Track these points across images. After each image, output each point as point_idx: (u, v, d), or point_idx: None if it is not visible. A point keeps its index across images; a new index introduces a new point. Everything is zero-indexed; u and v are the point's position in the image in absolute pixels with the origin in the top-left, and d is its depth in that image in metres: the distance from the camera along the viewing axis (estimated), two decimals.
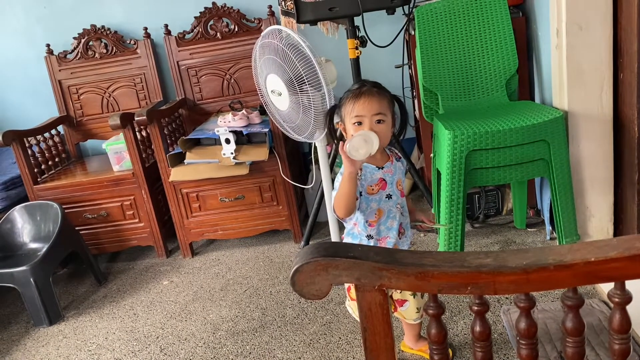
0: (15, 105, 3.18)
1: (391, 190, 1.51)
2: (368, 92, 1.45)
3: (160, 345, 2.03)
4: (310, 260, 0.76)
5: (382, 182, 1.50)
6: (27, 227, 2.57)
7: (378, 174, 1.50)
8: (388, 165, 1.52)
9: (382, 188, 1.50)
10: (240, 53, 2.89)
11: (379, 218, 1.51)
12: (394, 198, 1.51)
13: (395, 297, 1.60)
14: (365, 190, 1.49)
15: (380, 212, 1.51)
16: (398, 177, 1.53)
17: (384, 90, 1.49)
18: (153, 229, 2.72)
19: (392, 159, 1.54)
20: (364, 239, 1.52)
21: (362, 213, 1.50)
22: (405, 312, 1.63)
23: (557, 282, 0.70)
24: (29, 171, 2.66)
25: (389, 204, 1.51)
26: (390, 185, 1.50)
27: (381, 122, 1.44)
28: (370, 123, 1.43)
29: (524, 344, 0.76)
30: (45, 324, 2.30)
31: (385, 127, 1.45)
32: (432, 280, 0.72)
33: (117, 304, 2.39)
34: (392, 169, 1.52)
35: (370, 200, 1.49)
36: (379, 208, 1.50)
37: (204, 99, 3.00)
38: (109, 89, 3.02)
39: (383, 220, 1.51)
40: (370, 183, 1.49)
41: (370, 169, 1.50)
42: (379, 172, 1.50)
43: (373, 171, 1.50)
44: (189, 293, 2.37)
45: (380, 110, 1.43)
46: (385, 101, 1.46)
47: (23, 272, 2.25)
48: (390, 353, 0.79)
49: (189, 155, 2.55)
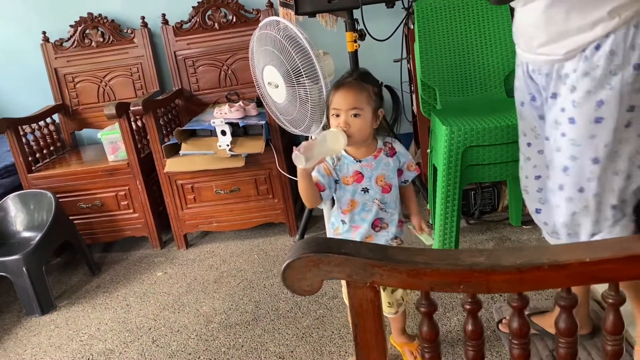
0: (11, 93, 3.16)
1: (368, 185, 1.50)
2: (347, 84, 1.46)
3: (153, 336, 2.02)
4: (302, 256, 0.75)
5: (358, 175, 1.50)
6: (21, 215, 2.55)
7: (354, 167, 1.50)
8: (369, 159, 1.50)
9: (356, 181, 1.50)
10: (238, 44, 2.87)
11: (352, 209, 1.52)
12: (371, 193, 1.50)
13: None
14: (341, 179, 1.51)
15: (354, 203, 1.52)
16: (381, 173, 1.51)
17: (367, 83, 1.47)
18: (147, 219, 2.71)
19: (381, 153, 1.52)
20: (340, 221, 1.56)
21: (338, 200, 1.54)
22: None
23: (551, 282, 0.70)
24: (23, 159, 2.64)
25: (364, 197, 1.51)
26: (367, 179, 1.50)
27: (357, 116, 1.43)
28: (346, 116, 1.43)
29: (516, 344, 0.75)
30: (37, 314, 2.29)
31: (361, 121, 1.44)
32: (424, 277, 0.71)
33: (110, 295, 2.38)
34: (374, 164, 1.50)
35: (345, 190, 1.51)
36: (353, 199, 1.51)
37: (201, 90, 2.98)
38: (105, 78, 3.00)
39: (357, 211, 1.53)
40: (345, 174, 1.50)
41: (348, 160, 1.50)
42: (355, 164, 1.50)
43: (350, 163, 1.50)
44: (182, 285, 2.37)
45: (356, 104, 1.43)
46: (365, 94, 1.44)
47: (15, 261, 2.24)
48: (381, 350, 0.78)
49: (184, 146, 2.53)
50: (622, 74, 1.18)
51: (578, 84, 1.23)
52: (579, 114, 1.24)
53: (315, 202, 1.49)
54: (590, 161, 1.26)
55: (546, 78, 1.32)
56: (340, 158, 1.50)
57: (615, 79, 1.19)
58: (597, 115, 1.22)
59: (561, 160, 1.31)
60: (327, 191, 1.49)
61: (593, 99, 1.21)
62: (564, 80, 1.26)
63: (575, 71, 1.23)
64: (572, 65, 1.24)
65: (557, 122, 1.29)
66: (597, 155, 1.25)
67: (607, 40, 1.19)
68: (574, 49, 1.22)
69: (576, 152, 1.27)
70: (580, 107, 1.23)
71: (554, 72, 1.29)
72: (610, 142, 1.23)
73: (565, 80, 1.26)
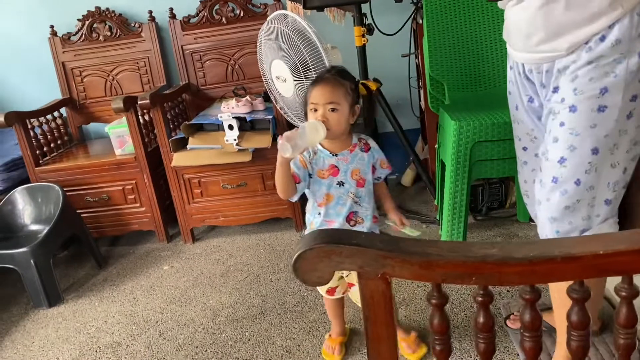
0: (18, 86, 3.16)
1: (344, 178, 1.54)
2: (326, 79, 1.51)
3: (160, 329, 2.03)
4: (314, 247, 0.74)
5: (334, 168, 1.54)
6: (28, 208, 2.56)
7: (330, 161, 1.54)
8: (345, 153, 1.54)
9: (332, 174, 1.54)
10: (246, 38, 2.86)
11: (328, 202, 1.56)
12: (346, 186, 1.54)
13: (347, 279, 1.65)
14: (316, 173, 1.54)
15: (329, 197, 1.55)
16: (356, 167, 1.55)
17: (344, 79, 1.52)
18: (154, 213, 2.71)
19: (356, 148, 1.56)
20: (316, 215, 1.58)
21: (313, 194, 1.57)
22: (354, 295, 1.68)
23: (563, 274, 0.69)
24: (31, 153, 2.65)
25: (339, 191, 1.55)
26: (343, 173, 1.54)
27: (334, 110, 1.47)
28: (324, 111, 1.47)
29: (527, 337, 0.75)
30: (44, 306, 2.30)
31: (338, 115, 1.48)
32: (436, 269, 0.71)
33: (117, 288, 2.39)
34: (349, 158, 1.54)
35: (320, 184, 1.54)
36: (328, 193, 1.55)
37: (208, 85, 2.97)
38: (112, 72, 3.00)
39: (332, 205, 1.56)
40: (321, 167, 1.54)
41: (324, 154, 1.54)
42: (332, 158, 1.54)
43: (326, 157, 1.54)
44: (189, 278, 2.37)
45: (333, 99, 1.47)
46: (342, 90, 1.49)
47: (23, 253, 2.25)
48: (392, 342, 0.78)
49: (191, 140, 2.53)
50: (628, 62, 1.16)
51: (580, 71, 1.19)
52: (580, 101, 1.20)
53: (290, 193, 1.52)
54: (589, 151, 1.21)
55: (546, 75, 1.28)
56: (317, 152, 1.54)
57: (620, 67, 1.16)
58: (600, 104, 1.18)
59: (557, 152, 1.26)
60: (302, 183, 1.52)
61: (597, 86, 1.18)
62: (563, 72, 1.23)
63: (575, 62, 1.19)
64: (573, 57, 1.20)
65: (554, 112, 1.25)
66: (597, 145, 1.21)
67: (611, 30, 1.15)
68: (576, 42, 1.19)
69: (575, 142, 1.22)
70: (582, 95, 1.19)
71: (554, 68, 1.25)
72: (612, 133, 1.20)
73: (565, 71, 1.22)
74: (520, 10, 1.26)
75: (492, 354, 0.78)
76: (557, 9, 1.19)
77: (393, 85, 2.76)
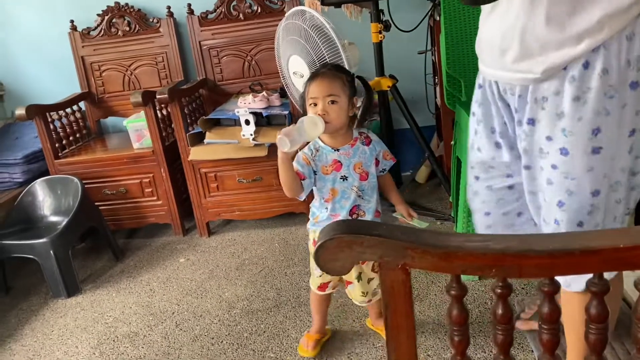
0: (39, 80, 3.21)
1: (347, 172, 1.56)
2: (322, 74, 1.54)
3: (176, 320, 2.06)
4: (335, 237, 0.76)
5: (337, 163, 1.56)
6: (48, 200, 2.60)
7: (333, 156, 1.56)
8: (346, 148, 1.57)
9: (335, 169, 1.56)
10: (262, 34, 2.88)
11: (333, 197, 1.58)
12: (350, 180, 1.56)
13: (345, 277, 1.67)
14: (320, 170, 1.56)
15: (334, 191, 1.58)
16: (358, 161, 1.57)
17: (340, 72, 1.55)
18: (171, 207, 2.75)
19: (357, 142, 1.58)
20: (323, 210, 1.60)
21: (319, 191, 1.59)
22: (351, 293, 1.70)
23: (583, 267, 0.70)
24: (51, 145, 2.69)
25: (343, 185, 1.57)
26: (346, 167, 1.56)
27: (334, 102, 1.49)
28: (323, 104, 1.49)
29: (545, 329, 0.76)
30: (63, 296, 2.34)
31: (338, 107, 1.50)
32: (456, 261, 0.72)
33: (133, 279, 2.42)
34: (351, 152, 1.57)
35: (325, 180, 1.57)
36: (333, 188, 1.57)
37: (225, 80, 3.00)
38: (130, 66, 3.04)
39: (337, 199, 1.59)
40: (324, 163, 1.56)
41: (326, 150, 1.57)
42: (334, 153, 1.56)
43: (328, 152, 1.56)
44: (204, 271, 2.40)
45: (332, 91, 1.49)
46: (338, 82, 1.51)
47: (43, 244, 2.29)
48: (411, 331, 0.79)
49: (208, 135, 2.56)
50: (619, 95, 0.99)
51: (567, 109, 1.03)
52: (572, 144, 1.04)
53: (296, 191, 1.53)
54: (589, 195, 1.07)
55: (519, 100, 1.11)
56: (319, 149, 1.57)
57: (612, 103, 1.00)
58: (593, 146, 1.03)
59: (555, 196, 1.12)
60: (308, 180, 1.54)
61: (588, 128, 1.02)
62: (541, 104, 1.06)
63: (558, 94, 1.03)
64: (550, 86, 1.04)
65: (543, 151, 1.10)
66: (598, 187, 1.07)
67: (596, 56, 0.99)
68: (554, 66, 1.02)
69: (572, 186, 1.08)
70: (572, 137, 1.04)
71: (528, 94, 1.08)
72: (611, 172, 1.06)
73: (543, 104, 1.06)
74: (497, 20, 1.10)
75: (509, 345, 0.79)
76: (537, 22, 1.02)
77: (409, 82, 2.76)
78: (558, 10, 1.00)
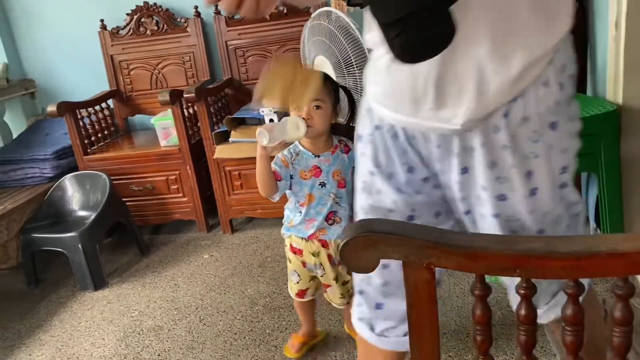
0: (69, 77, 3.29)
1: (326, 179, 1.57)
2: None
3: (200, 315, 2.10)
4: (359, 235, 0.77)
5: (316, 169, 1.57)
6: (77, 195, 2.67)
7: (313, 161, 1.58)
8: (327, 154, 1.58)
9: (314, 175, 1.57)
10: (288, 35, 2.90)
11: (310, 202, 1.59)
12: (328, 187, 1.57)
13: (323, 280, 1.69)
14: (298, 174, 1.57)
15: (311, 197, 1.58)
16: (337, 168, 1.58)
17: (326, 80, 1.55)
18: (196, 203, 2.79)
19: (337, 150, 1.60)
20: (297, 214, 1.62)
21: (295, 195, 1.61)
22: (330, 296, 1.72)
23: (608, 270, 0.70)
24: (80, 142, 2.76)
25: (321, 192, 1.58)
26: (325, 174, 1.57)
27: (319, 108, 1.51)
28: (308, 108, 1.50)
29: (569, 331, 0.76)
30: (90, 289, 2.40)
31: (322, 113, 1.51)
32: (480, 261, 0.73)
33: (158, 274, 2.47)
34: (331, 159, 1.58)
35: (302, 185, 1.58)
36: (310, 193, 1.58)
37: (250, 80, 3.03)
38: (158, 65, 3.09)
39: (313, 204, 1.59)
40: (304, 168, 1.57)
41: (306, 155, 1.58)
42: (314, 159, 1.58)
43: (309, 158, 1.58)
44: (228, 267, 2.43)
45: (318, 96, 1.49)
46: (325, 88, 1.52)
47: (72, 238, 2.35)
48: (434, 331, 0.80)
49: (234, 134, 2.59)
50: (543, 139, 0.96)
51: (499, 157, 0.98)
52: (508, 190, 1.00)
53: (270, 190, 1.55)
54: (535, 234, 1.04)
55: (439, 150, 1.02)
56: (299, 153, 1.58)
57: (538, 146, 0.96)
58: (531, 187, 1.00)
59: None
60: (284, 182, 1.56)
61: (520, 173, 0.98)
62: (470, 153, 0.99)
63: (484, 145, 0.97)
64: (474, 137, 0.97)
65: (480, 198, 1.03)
66: (542, 227, 1.04)
67: (515, 105, 0.94)
68: (473, 118, 0.94)
69: (517, 228, 1.04)
70: (507, 184, 1.00)
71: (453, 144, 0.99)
72: (551, 208, 1.02)
73: (472, 153, 0.99)
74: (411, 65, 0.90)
75: (532, 346, 0.79)
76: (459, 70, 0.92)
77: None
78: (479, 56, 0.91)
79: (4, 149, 3.00)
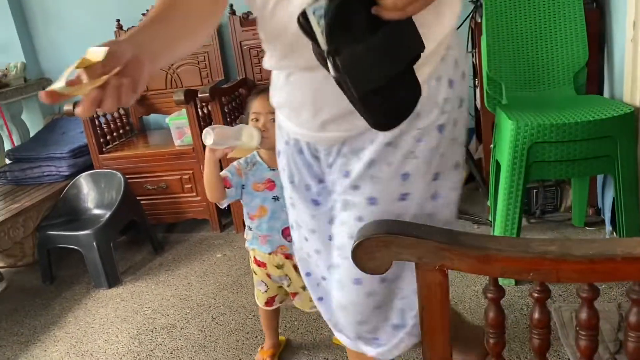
0: None
1: (279, 193, 1.53)
2: (265, 90, 1.46)
3: (212, 314, 2.11)
4: (372, 236, 0.77)
5: (270, 182, 1.55)
6: (92, 193, 2.70)
7: (268, 174, 1.56)
8: None
9: (268, 188, 1.55)
10: None
11: (261, 216, 1.57)
12: (282, 201, 1.52)
13: (289, 289, 1.67)
14: (251, 184, 1.55)
15: (263, 209, 1.56)
16: None
17: None
18: (209, 203, 2.80)
19: None
20: (248, 227, 1.62)
21: (246, 205, 1.59)
22: (300, 303, 1.70)
23: (623, 274, 0.69)
24: (95, 141, 2.78)
25: (274, 205, 1.56)
26: (279, 188, 1.51)
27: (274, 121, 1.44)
28: (265, 120, 1.49)
29: (584, 335, 0.75)
30: (104, 287, 2.42)
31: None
32: (494, 263, 0.73)
33: (172, 273, 2.48)
34: None
35: (254, 196, 1.56)
36: (262, 206, 1.56)
37: (264, 80, 3.03)
38: (173, 65, 3.11)
39: (265, 219, 1.57)
40: (258, 180, 1.55)
41: (262, 167, 1.56)
42: (269, 172, 1.55)
43: (264, 170, 1.56)
44: (240, 267, 2.44)
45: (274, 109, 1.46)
46: None
47: (87, 235, 2.38)
48: (446, 333, 0.80)
49: None
50: (427, 139, 0.94)
51: (378, 156, 0.95)
52: (381, 192, 0.97)
53: (218, 196, 1.53)
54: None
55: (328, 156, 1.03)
56: (255, 164, 1.57)
57: (421, 146, 0.94)
58: (402, 192, 0.97)
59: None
60: (233, 190, 1.54)
61: (398, 173, 0.96)
62: (358, 154, 0.98)
63: (373, 142, 0.95)
64: (368, 136, 0.95)
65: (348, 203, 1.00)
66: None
67: None
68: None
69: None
70: (382, 184, 0.96)
71: (344, 148, 0.99)
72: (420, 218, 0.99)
73: (360, 154, 0.97)
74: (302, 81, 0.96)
75: (546, 350, 0.79)
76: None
77: None
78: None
79: (22, 147, 3.04)
